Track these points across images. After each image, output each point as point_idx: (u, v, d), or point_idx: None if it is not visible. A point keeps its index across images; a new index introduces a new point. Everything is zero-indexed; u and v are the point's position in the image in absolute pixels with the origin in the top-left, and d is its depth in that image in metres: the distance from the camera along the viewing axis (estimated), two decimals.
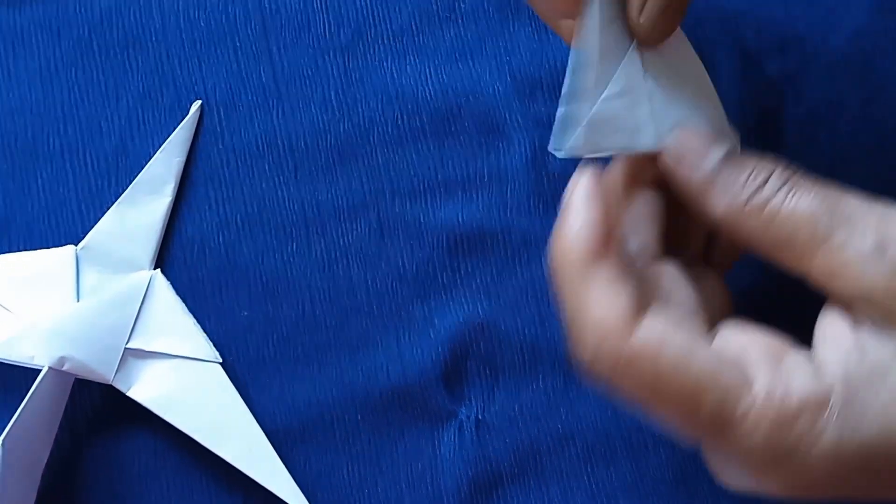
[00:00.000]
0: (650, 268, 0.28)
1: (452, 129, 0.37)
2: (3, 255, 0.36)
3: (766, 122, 0.37)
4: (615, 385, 0.25)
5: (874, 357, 0.24)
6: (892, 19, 0.38)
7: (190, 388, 0.34)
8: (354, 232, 0.37)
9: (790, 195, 0.26)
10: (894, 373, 0.24)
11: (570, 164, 0.37)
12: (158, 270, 0.36)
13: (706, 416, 0.24)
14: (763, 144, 0.37)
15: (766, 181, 0.26)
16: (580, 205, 0.26)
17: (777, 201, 0.26)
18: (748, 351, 0.25)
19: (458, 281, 0.37)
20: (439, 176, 0.37)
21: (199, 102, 0.37)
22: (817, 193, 0.26)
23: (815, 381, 0.24)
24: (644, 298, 0.26)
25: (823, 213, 0.25)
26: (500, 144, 0.37)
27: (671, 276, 0.28)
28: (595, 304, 0.25)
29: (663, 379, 0.24)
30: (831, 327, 0.25)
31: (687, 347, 0.24)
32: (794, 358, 0.25)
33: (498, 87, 0.38)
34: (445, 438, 0.36)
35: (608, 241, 0.26)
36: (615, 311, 0.25)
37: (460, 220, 0.37)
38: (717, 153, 0.27)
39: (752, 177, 0.26)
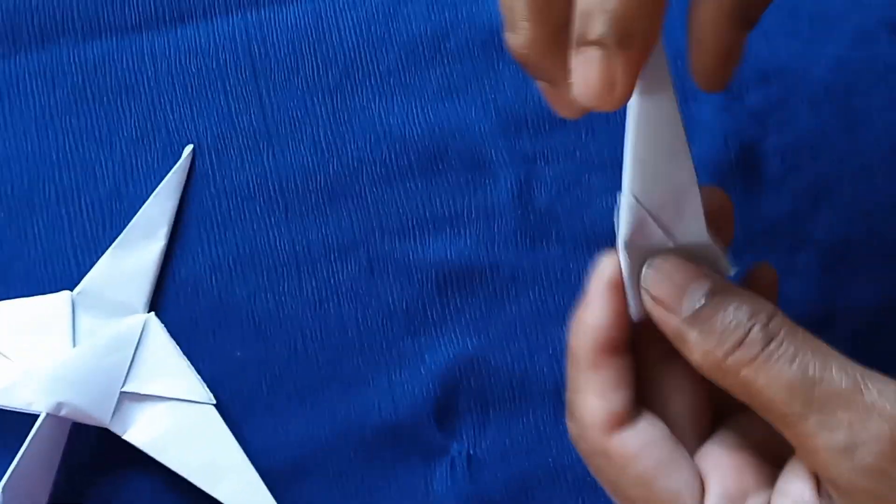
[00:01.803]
0: (657, 365, 0.29)
1: (439, 166, 0.38)
2: (0, 302, 0.36)
3: (748, 154, 0.38)
4: (586, 463, 0.28)
5: None
6: (872, 49, 0.39)
7: (184, 431, 0.34)
8: (345, 270, 0.37)
9: (769, 363, 0.24)
10: None
11: (556, 200, 0.38)
12: (153, 313, 0.36)
13: None
14: (746, 176, 0.38)
15: (745, 337, 0.25)
16: (601, 297, 0.27)
17: (753, 370, 0.25)
18: (716, 482, 0.26)
19: (448, 317, 0.37)
20: (427, 213, 0.38)
21: (191, 146, 0.38)
22: (797, 364, 0.24)
23: None
24: (639, 403, 0.27)
25: (799, 393, 0.24)
26: (487, 181, 0.38)
27: (676, 380, 0.28)
28: (591, 397, 0.27)
29: (625, 483, 0.26)
30: (794, 485, 0.25)
31: (653, 470, 0.26)
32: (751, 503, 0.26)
33: (483, 125, 0.38)
34: (438, 474, 0.36)
35: (620, 341, 0.27)
36: (605, 411, 0.27)
37: (448, 256, 0.37)
38: (695, 296, 0.26)
39: (731, 328, 0.25)
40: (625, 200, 0.27)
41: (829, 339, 0.26)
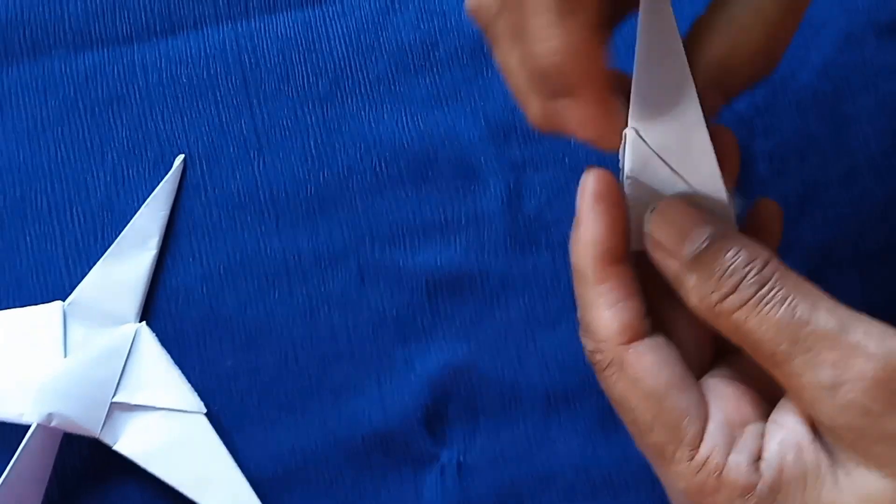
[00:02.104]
0: (663, 298, 0.29)
1: (429, 174, 0.38)
2: None
3: None
4: (600, 378, 0.28)
5: (808, 461, 0.25)
6: (858, 54, 0.39)
7: (175, 440, 0.35)
8: (335, 279, 0.37)
9: (760, 306, 0.25)
10: (818, 482, 0.25)
11: (545, 207, 0.38)
12: (144, 323, 0.36)
13: (652, 443, 0.27)
14: None
15: (740, 282, 0.26)
16: (592, 211, 0.28)
17: (744, 312, 0.25)
18: (717, 408, 0.27)
19: (438, 324, 0.37)
20: (417, 221, 0.38)
21: (182, 156, 0.38)
22: (787, 307, 0.25)
23: (750, 467, 0.26)
24: (649, 319, 0.28)
25: (787, 334, 0.25)
26: (476, 188, 0.38)
27: (681, 313, 0.29)
28: (603, 310, 0.27)
29: (634, 399, 0.27)
30: (787, 418, 0.27)
31: (665, 386, 0.27)
32: (748, 433, 0.27)
33: (473, 133, 0.38)
34: (428, 482, 0.36)
35: (620, 251, 0.28)
36: (619, 322, 0.27)
37: (438, 263, 0.37)
38: (696, 242, 0.26)
39: (727, 274, 0.26)
40: (629, 134, 0.27)
41: None
